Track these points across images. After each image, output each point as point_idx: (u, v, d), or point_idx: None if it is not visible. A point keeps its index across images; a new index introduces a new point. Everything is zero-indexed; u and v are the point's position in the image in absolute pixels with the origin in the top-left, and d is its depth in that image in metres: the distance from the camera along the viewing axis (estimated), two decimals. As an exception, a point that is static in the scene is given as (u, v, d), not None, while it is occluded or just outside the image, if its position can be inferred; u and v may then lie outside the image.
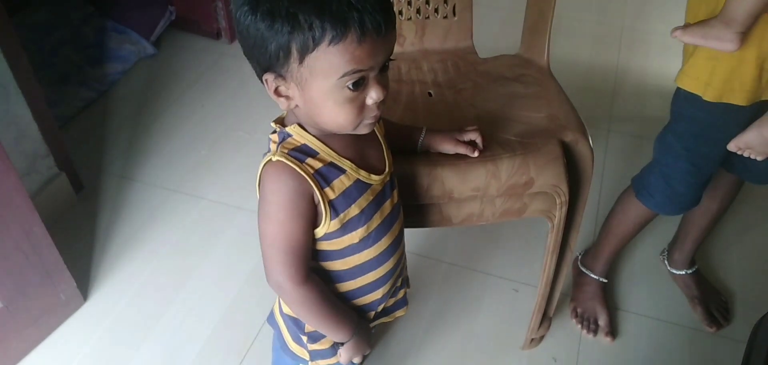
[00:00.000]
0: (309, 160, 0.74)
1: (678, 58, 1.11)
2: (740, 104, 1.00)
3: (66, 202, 1.62)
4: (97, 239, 1.56)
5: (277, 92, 0.71)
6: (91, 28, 2.25)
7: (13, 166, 1.13)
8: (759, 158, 1.04)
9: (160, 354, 1.32)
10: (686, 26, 1.01)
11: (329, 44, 0.63)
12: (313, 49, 0.64)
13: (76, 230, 1.57)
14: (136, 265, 1.50)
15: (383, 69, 0.70)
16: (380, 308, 0.91)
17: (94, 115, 1.98)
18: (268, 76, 0.70)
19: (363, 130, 0.73)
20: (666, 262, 1.47)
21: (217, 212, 1.64)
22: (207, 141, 1.88)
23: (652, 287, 1.47)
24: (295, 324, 0.89)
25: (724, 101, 1.01)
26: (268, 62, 0.68)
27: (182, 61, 2.23)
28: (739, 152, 1.05)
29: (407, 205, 0.96)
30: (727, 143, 1.06)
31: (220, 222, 1.61)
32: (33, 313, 1.29)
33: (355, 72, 0.66)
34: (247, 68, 0.73)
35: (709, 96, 1.02)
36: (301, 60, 0.65)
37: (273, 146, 0.76)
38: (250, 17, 0.65)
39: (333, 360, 0.90)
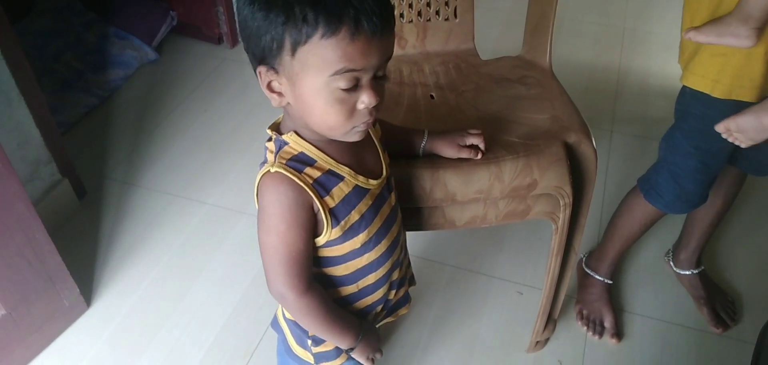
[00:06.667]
0: (307, 169, 0.73)
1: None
2: (749, 100, 0.99)
3: (69, 208, 1.62)
4: (100, 245, 1.56)
5: (269, 87, 0.70)
6: (93, 34, 2.26)
7: (15, 172, 1.13)
8: (743, 145, 1.01)
9: (164, 359, 1.32)
10: (700, 27, 0.99)
11: (322, 38, 0.63)
12: (306, 42, 0.63)
13: (79, 236, 1.57)
14: (140, 270, 1.50)
15: (379, 77, 0.69)
16: (380, 308, 0.91)
17: (97, 121, 1.98)
18: (262, 69, 0.69)
19: (354, 137, 0.72)
20: (671, 263, 1.46)
21: (219, 216, 1.64)
22: (209, 146, 1.88)
23: (658, 288, 1.46)
24: (299, 328, 0.88)
25: (734, 97, 1.00)
26: (262, 54, 0.67)
27: (184, 67, 2.23)
28: (724, 135, 1.02)
29: (410, 208, 0.96)
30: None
31: (222, 227, 1.61)
32: (36, 320, 1.29)
33: (346, 71, 0.65)
34: (249, 72, 0.73)
35: (718, 93, 1.01)
36: (294, 52, 0.65)
37: (270, 156, 0.75)
38: (248, 7, 0.66)
39: (337, 361, 0.90)
